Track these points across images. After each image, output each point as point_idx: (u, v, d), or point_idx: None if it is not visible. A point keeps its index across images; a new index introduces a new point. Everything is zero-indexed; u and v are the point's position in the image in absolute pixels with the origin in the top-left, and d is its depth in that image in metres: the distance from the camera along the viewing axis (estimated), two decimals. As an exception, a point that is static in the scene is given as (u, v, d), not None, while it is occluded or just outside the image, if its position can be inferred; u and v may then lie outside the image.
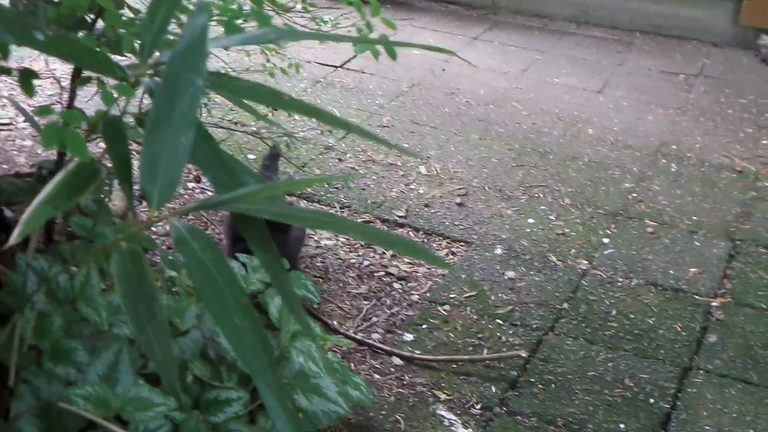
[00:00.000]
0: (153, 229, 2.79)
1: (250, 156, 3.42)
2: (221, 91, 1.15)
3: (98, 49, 1.26)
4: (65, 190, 1.05)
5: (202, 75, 1.09)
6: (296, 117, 3.80)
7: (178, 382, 0.98)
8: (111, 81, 1.17)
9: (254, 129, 2.96)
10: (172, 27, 1.33)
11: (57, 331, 1.59)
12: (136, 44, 1.26)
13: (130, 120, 1.25)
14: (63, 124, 1.13)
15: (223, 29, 1.51)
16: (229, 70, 2.60)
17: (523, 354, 2.46)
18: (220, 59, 3.05)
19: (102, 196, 1.99)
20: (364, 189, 3.32)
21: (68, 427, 1.45)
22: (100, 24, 1.64)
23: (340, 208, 3.17)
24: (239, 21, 1.62)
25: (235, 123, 3.57)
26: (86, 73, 1.70)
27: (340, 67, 4.41)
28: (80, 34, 1.54)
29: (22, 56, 3.71)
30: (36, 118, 1.69)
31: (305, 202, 3.20)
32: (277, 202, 1.08)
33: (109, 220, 1.94)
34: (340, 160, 3.51)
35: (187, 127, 1.07)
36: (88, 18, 1.50)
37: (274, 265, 1.00)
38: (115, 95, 1.16)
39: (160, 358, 0.95)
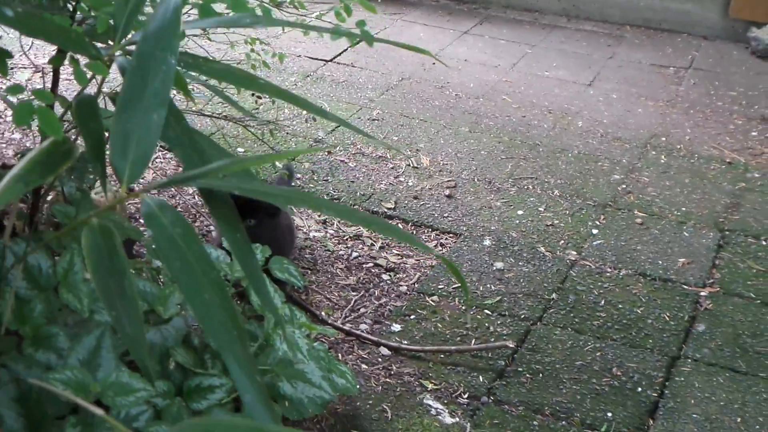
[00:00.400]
0: (141, 221, 2.78)
1: (240, 149, 3.41)
2: (195, 72, 1.14)
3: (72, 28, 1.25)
4: (38, 167, 1.04)
5: (174, 54, 1.08)
6: (286, 110, 3.79)
7: (148, 358, 0.97)
8: (85, 60, 1.16)
9: (239, 117, 2.94)
10: (147, 8, 1.32)
11: (38, 317, 1.58)
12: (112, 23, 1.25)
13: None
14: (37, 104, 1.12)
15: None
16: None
17: (511, 344, 2.46)
18: (204, 49, 3.03)
19: (86, 185, 1.98)
20: (353, 181, 3.31)
21: (48, 412, 1.44)
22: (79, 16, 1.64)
23: (330, 200, 3.17)
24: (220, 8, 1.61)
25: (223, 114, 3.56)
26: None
27: (331, 61, 4.40)
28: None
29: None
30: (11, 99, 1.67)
31: (294, 194, 3.19)
32: (251, 180, 1.07)
33: (91, 207, 1.93)
34: (329, 152, 3.50)
35: (159, 104, 1.06)
36: (64, 2, 1.49)
37: (240, 244, 1.00)
38: (89, 74, 1.15)
39: (129, 334, 0.94)
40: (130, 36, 1.19)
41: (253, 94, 3.85)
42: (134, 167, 1.02)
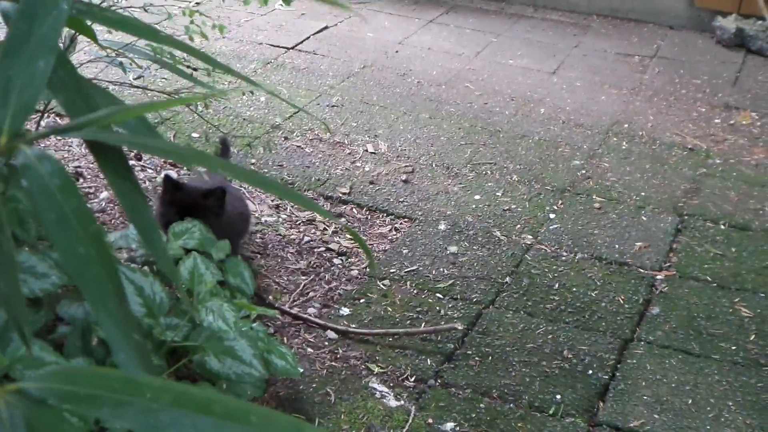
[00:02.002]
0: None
1: (194, 134, 3.34)
2: (89, 20, 1.08)
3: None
4: None
5: (67, -1, 1.02)
6: (244, 97, 3.73)
7: (26, 318, 0.91)
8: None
9: (174, 89, 2.88)
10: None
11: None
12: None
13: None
14: None
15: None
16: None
17: (460, 326, 2.41)
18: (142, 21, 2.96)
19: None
20: (308, 167, 3.26)
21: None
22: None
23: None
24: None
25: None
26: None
27: (292, 48, 4.34)
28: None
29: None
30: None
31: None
32: (148, 136, 1.01)
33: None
34: (286, 138, 3.44)
35: (47, 52, 1.00)
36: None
37: (130, 195, 0.94)
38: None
39: (3, 291, 0.88)
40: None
41: (188, 66, 3.78)
42: (16, 117, 0.96)
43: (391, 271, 2.69)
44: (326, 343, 2.36)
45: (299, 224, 2.91)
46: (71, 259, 0.86)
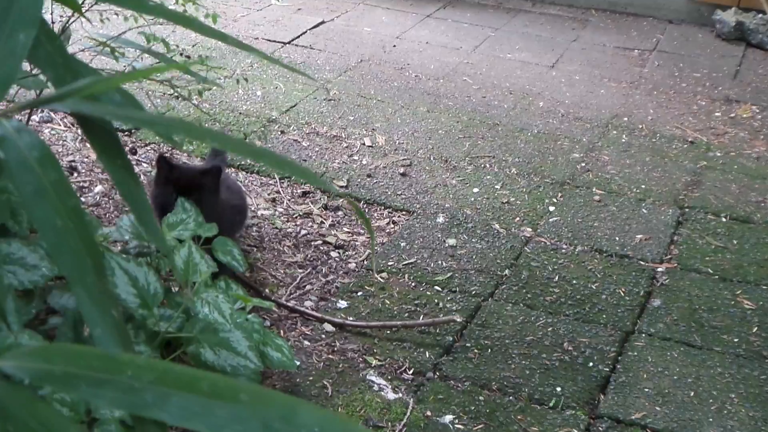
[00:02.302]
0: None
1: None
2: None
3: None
4: None
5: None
6: (240, 91, 3.70)
7: (7, 301, 0.87)
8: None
9: (166, 78, 2.84)
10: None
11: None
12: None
13: None
14: None
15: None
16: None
17: (458, 319, 2.37)
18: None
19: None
20: (305, 160, 3.22)
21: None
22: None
23: (280, 178, 3.07)
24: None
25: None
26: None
27: (289, 43, 4.31)
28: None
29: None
30: None
31: (244, 173, 3.10)
32: (132, 108, 0.98)
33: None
34: (282, 132, 3.41)
35: (28, 24, 0.96)
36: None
37: (122, 171, 0.91)
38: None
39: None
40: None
41: (181, 54, 3.75)
42: (-5, 90, 0.92)
43: (389, 263, 2.65)
44: (323, 336, 2.33)
45: (296, 217, 2.88)
46: (48, 231, 0.82)
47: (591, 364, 2.28)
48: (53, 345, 1.03)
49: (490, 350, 2.31)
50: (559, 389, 2.18)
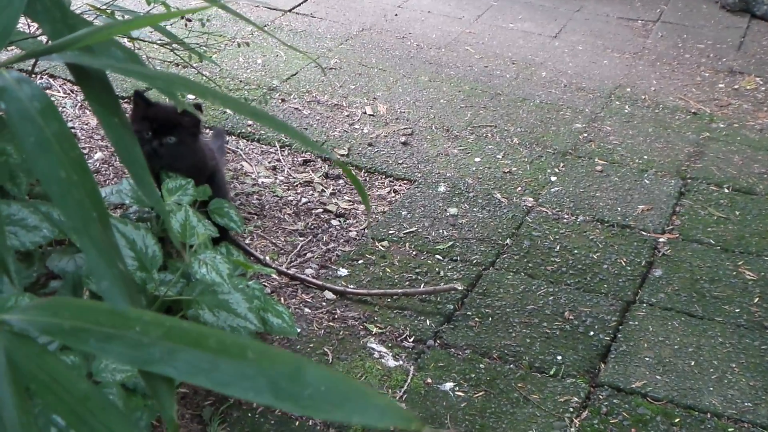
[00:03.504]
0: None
1: (190, 96, 3.28)
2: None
3: None
4: None
5: None
6: (240, 59, 3.66)
7: (11, 257, 0.86)
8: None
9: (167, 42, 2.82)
10: None
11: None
12: None
13: None
14: None
15: None
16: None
17: (459, 287, 2.37)
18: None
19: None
20: (306, 129, 3.20)
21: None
22: None
23: (281, 147, 3.06)
24: None
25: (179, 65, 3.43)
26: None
27: (290, 11, 4.27)
28: None
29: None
30: None
31: (245, 140, 3.08)
32: (129, 62, 0.96)
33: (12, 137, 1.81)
34: (283, 100, 3.38)
35: (27, -24, 0.94)
36: None
37: (118, 129, 0.89)
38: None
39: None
40: None
41: (182, 18, 3.70)
42: (-7, 42, 0.91)
43: (390, 232, 2.64)
44: (324, 304, 2.32)
45: (296, 186, 2.86)
46: (52, 183, 0.81)
47: (592, 333, 2.27)
48: (61, 299, 1.02)
49: (490, 319, 2.30)
50: (559, 358, 2.18)
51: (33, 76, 2.96)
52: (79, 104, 3.18)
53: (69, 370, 0.74)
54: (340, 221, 2.70)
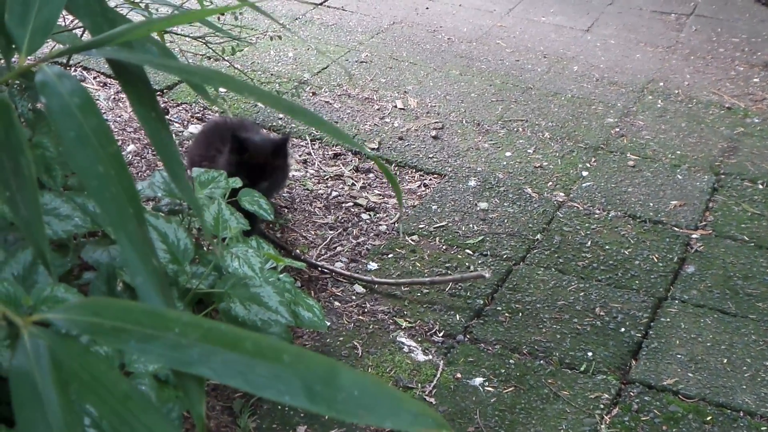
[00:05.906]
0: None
1: (222, 90, 3.30)
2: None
3: None
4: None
5: None
6: (272, 52, 3.68)
7: (47, 244, 0.87)
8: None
9: (201, 34, 2.84)
10: None
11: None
12: None
13: None
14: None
15: None
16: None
17: (487, 275, 2.36)
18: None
19: (38, 104, 1.88)
20: (337, 122, 3.21)
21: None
22: None
23: (311, 140, 3.06)
24: None
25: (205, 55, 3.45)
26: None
27: (321, 4, 4.28)
28: None
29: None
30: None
31: (276, 134, 3.09)
32: (168, 58, 0.97)
33: (48, 130, 1.83)
34: (314, 93, 3.39)
35: (67, -29, 0.95)
36: None
37: (154, 124, 0.90)
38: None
39: (24, 216, 0.85)
40: None
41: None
42: (35, 36, 0.92)
43: (420, 226, 2.64)
44: (353, 297, 2.33)
45: (327, 179, 2.87)
46: (90, 178, 0.82)
47: (623, 329, 2.26)
48: (101, 299, 1.03)
49: (521, 314, 2.29)
50: (590, 354, 2.16)
51: (67, 68, 2.99)
52: (112, 96, 3.21)
53: (110, 370, 0.75)
54: (370, 215, 2.70)
